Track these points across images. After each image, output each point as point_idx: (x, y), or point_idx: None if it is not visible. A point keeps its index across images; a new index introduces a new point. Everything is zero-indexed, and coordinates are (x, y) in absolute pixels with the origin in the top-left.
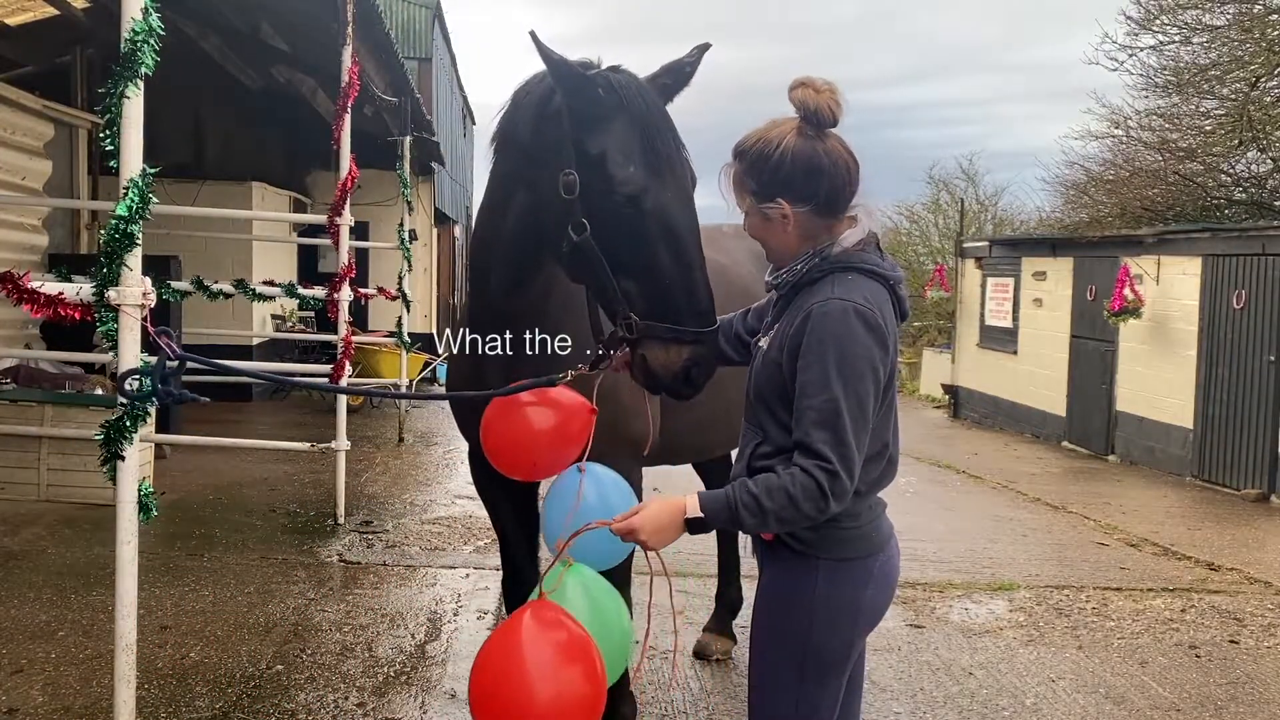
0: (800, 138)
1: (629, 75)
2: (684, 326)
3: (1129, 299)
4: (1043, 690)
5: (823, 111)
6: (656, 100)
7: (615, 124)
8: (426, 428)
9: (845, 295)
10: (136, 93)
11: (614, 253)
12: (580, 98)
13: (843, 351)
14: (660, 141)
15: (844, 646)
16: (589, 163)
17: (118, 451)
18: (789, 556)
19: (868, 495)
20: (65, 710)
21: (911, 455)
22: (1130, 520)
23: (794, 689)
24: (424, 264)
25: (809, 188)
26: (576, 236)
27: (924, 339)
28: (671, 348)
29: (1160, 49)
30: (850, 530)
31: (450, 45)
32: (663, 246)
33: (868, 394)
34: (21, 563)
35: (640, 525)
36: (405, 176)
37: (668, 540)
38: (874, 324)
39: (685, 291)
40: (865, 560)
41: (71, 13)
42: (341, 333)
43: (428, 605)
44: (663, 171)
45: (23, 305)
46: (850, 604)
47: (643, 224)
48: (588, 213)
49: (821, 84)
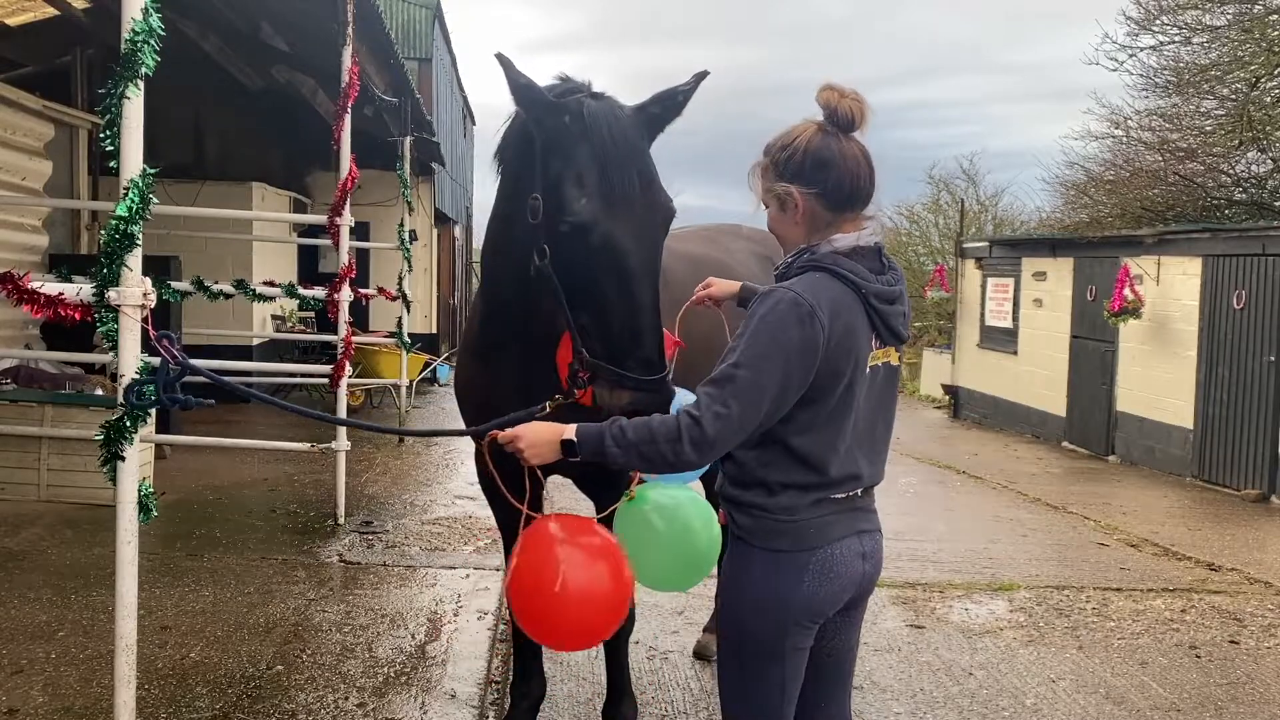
0: (820, 134)
1: (606, 104)
2: (627, 372)
3: (1129, 299)
4: (1043, 690)
5: (843, 113)
6: (628, 132)
7: (576, 152)
8: (427, 427)
9: (795, 288)
10: (136, 93)
11: (569, 284)
12: (545, 124)
13: (761, 332)
14: (617, 175)
15: (776, 637)
16: (550, 189)
17: (118, 451)
18: (735, 543)
19: (810, 492)
20: (65, 710)
21: (911, 455)
22: (1130, 520)
23: (735, 675)
24: (424, 264)
25: (816, 175)
26: (539, 262)
27: (924, 339)
28: (616, 390)
29: (1160, 49)
30: (785, 523)
31: (450, 45)
32: (610, 284)
33: (770, 378)
34: (21, 563)
35: (521, 435)
36: (405, 177)
37: (543, 457)
38: (806, 321)
39: (630, 335)
40: (799, 554)
41: (71, 13)
42: (342, 333)
43: (428, 605)
44: (616, 206)
45: (23, 305)
46: (777, 594)
47: (591, 258)
48: (548, 239)
49: (847, 90)
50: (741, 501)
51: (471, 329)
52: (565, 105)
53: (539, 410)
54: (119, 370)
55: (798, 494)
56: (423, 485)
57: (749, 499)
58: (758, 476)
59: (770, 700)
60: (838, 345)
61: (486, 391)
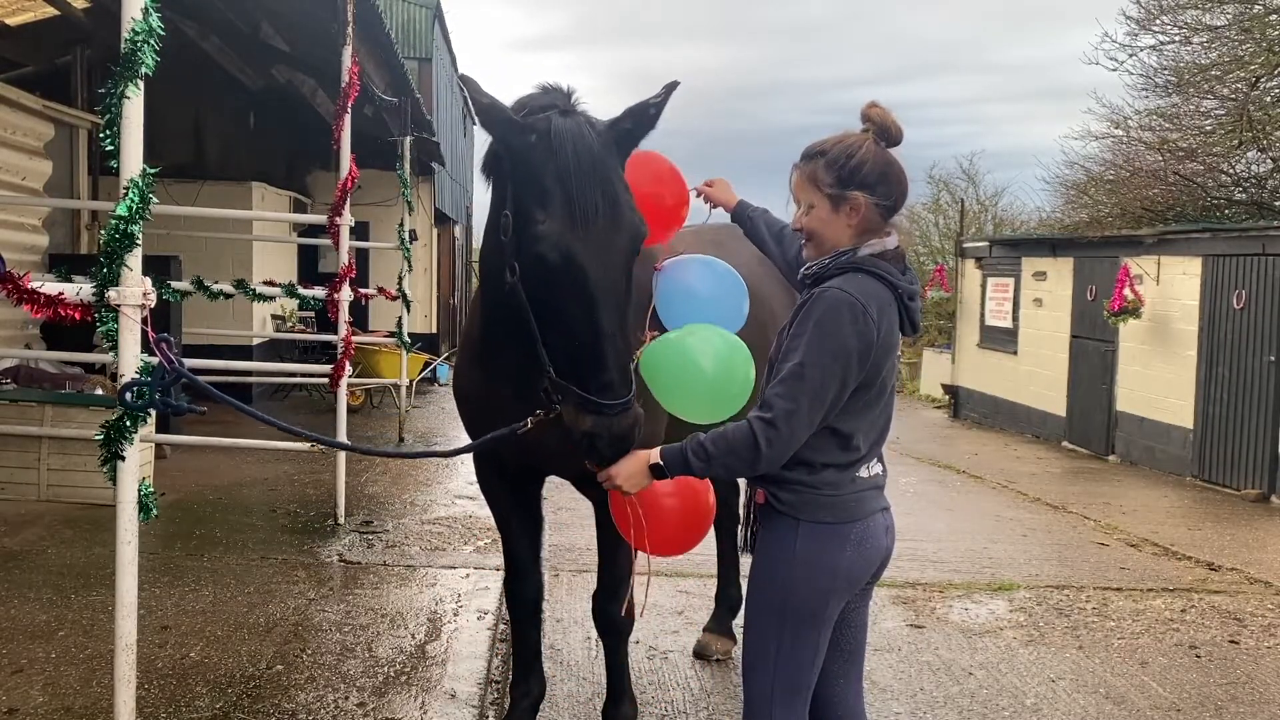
0: (876, 145)
1: (573, 121)
2: (588, 395)
3: (1129, 299)
4: (1043, 690)
5: (892, 129)
6: (594, 151)
7: (542, 172)
8: (427, 427)
9: (845, 288)
10: (136, 93)
11: (536, 302)
12: (511, 144)
13: (824, 332)
14: (580, 196)
15: (820, 602)
16: (517, 208)
17: (118, 451)
18: (775, 516)
19: (848, 470)
20: (65, 710)
21: (912, 455)
22: (1130, 520)
23: (774, 635)
24: (424, 264)
25: (882, 186)
26: (510, 279)
27: (924, 339)
28: (580, 414)
29: (1160, 49)
30: (829, 497)
31: (450, 45)
32: (572, 307)
33: (833, 375)
34: (21, 563)
35: (616, 472)
36: (405, 177)
37: (639, 485)
38: (860, 319)
39: (592, 359)
40: (842, 526)
41: (71, 13)
42: (341, 333)
43: (428, 605)
44: (577, 228)
45: (23, 305)
46: (826, 563)
47: (552, 279)
48: (516, 257)
49: (887, 108)
50: (785, 480)
51: (470, 332)
52: (531, 125)
53: (520, 427)
54: (119, 370)
55: (837, 472)
56: (423, 485)
57: (793, 477)
58: (800, 457)
59: (803, 666)
60: (884, 340)
61: (484, 394)
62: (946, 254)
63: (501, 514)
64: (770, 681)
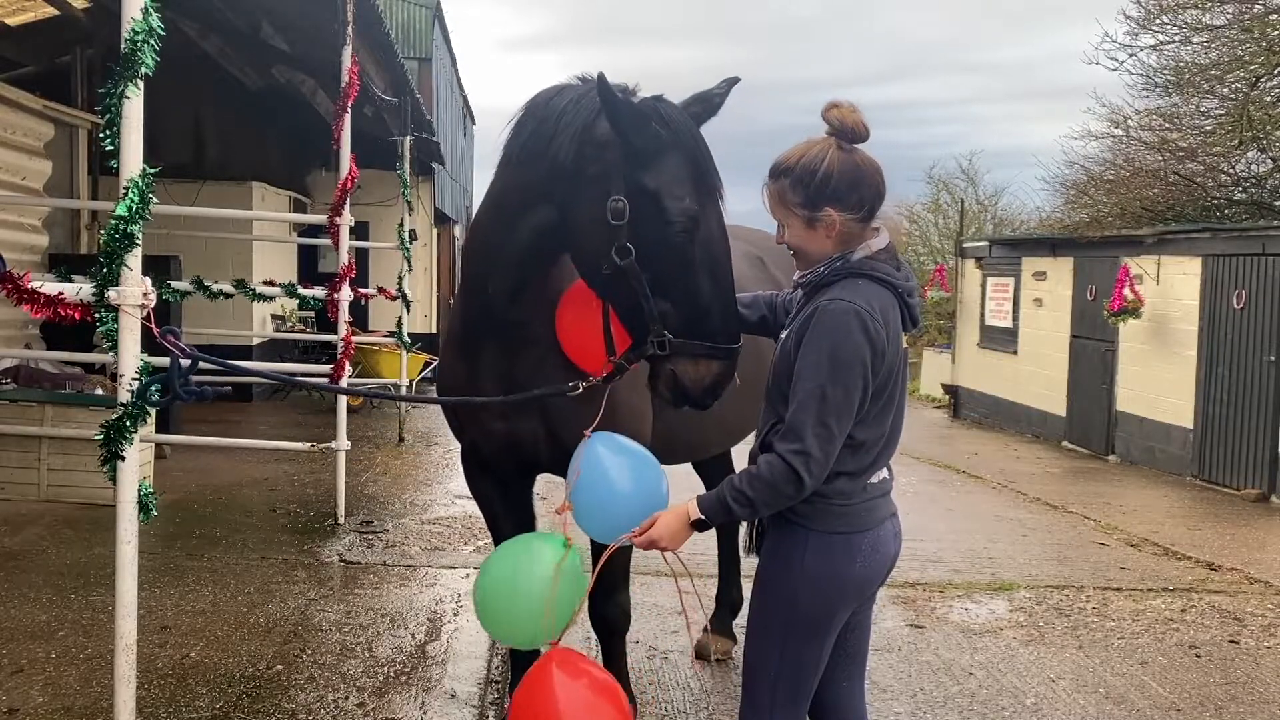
0: (839, 151)
1: (675, 108)
2: (717, 344)
3: (1129, 299)
4: (1043, 690)
5: (857, 128)
6: (700, 134)
7: (669, 158)
8: (427, 428)
9: (850, 298)
10: (136, 93)
11: (656, 276)
12: (636, 133)
13: (836, 346)
14: (710, 175)
15: (826, 613)
16: (642, 193)
17: (118, 451)
18: (784, 525)
19: (859, 477)
20: (65, 710)
21: (912, 455)
22: (1130, 520)
23: (778, 644)
24: (424, 264)
25: (854, 194)
26: (620, 260)
27: (924, 339)
28: (702, 363)
29: (1160, 49)
30: (840, 507)
31: (450, 45)
32: (706, 273)
33: (854, 387)
34: (21, 563)
35: (658, 535)
36: (405, 176)
37: (682, 541)
38: (870, 326)
39: (722, 313)
40: (852, 535)
41: (71, 13)
42: (341, 333)
43: (428, 605)
44: (708, 203)
45: (23, 305)
46: (834, 574)
47: (691, 252)
48: (633, 238)
49: (849, 105)
50: None
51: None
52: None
53: (572, 388)
54: (119, 370)
55: (849, 480)
56: (423, 485)
57: None
58: None
59: (806, 674)
60: (891, 342)
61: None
62: (946, 254)
63: (491, 515)
64: (772, 689)
